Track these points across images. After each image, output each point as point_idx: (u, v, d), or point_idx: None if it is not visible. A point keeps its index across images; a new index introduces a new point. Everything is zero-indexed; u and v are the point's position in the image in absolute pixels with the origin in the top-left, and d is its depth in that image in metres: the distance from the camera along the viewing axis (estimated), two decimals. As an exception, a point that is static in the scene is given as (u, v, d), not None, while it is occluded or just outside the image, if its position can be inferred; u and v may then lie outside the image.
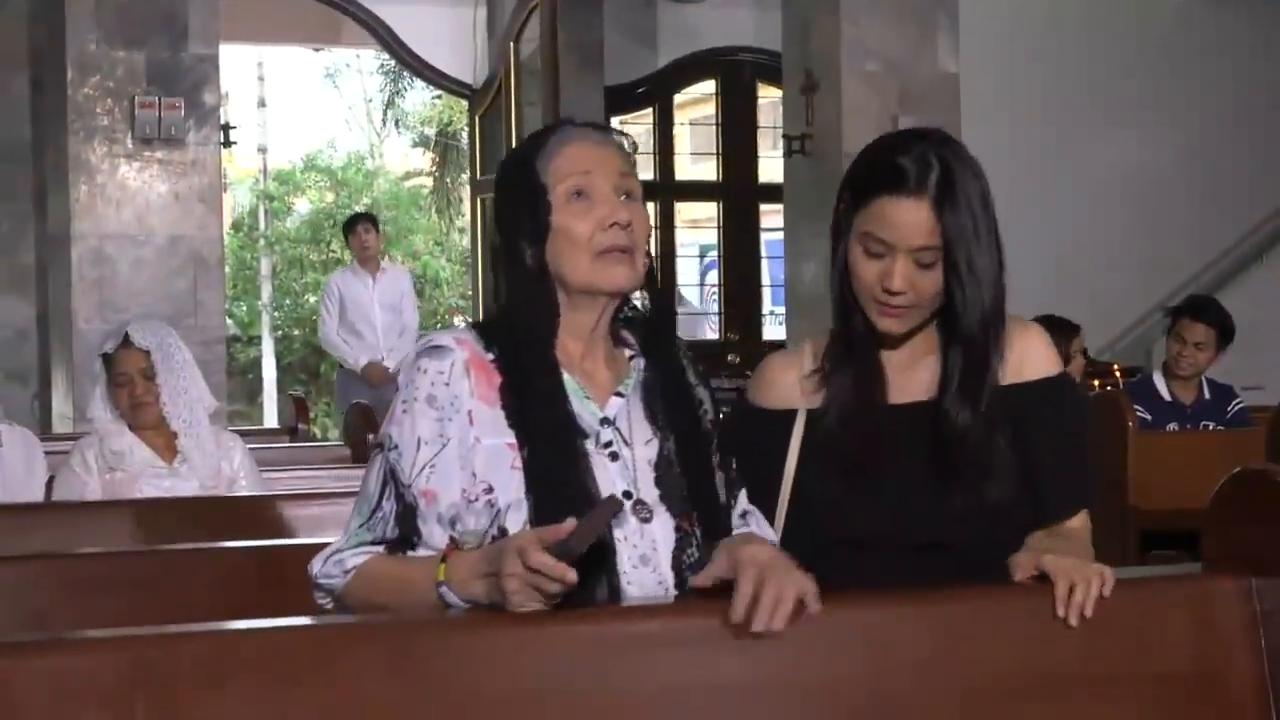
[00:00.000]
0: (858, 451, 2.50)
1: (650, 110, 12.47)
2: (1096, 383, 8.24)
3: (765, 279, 12.95)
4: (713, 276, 13.42)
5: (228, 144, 8.84)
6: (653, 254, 2.46)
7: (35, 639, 2.13)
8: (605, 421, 2.38)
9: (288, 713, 1.97)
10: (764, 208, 12.59)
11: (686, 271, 14.52)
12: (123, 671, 1.93)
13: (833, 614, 2.25)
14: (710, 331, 13.05)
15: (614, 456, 2.37)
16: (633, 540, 2.32)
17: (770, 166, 12.04)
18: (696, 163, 13.57)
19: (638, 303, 2.49)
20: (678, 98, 12.90)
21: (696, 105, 13.86)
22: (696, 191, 12.98)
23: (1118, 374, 8.42)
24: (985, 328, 2.49)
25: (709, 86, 12.77)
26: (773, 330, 12.57)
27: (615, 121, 11.42)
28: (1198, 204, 11.78)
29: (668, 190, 12.50)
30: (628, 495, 2.34)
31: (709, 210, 13.01)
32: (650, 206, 7.08)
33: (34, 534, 3.80)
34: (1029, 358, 2.56)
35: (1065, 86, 11.56)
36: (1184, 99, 11.83)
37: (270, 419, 18.20)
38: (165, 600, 3.08)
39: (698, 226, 13.57)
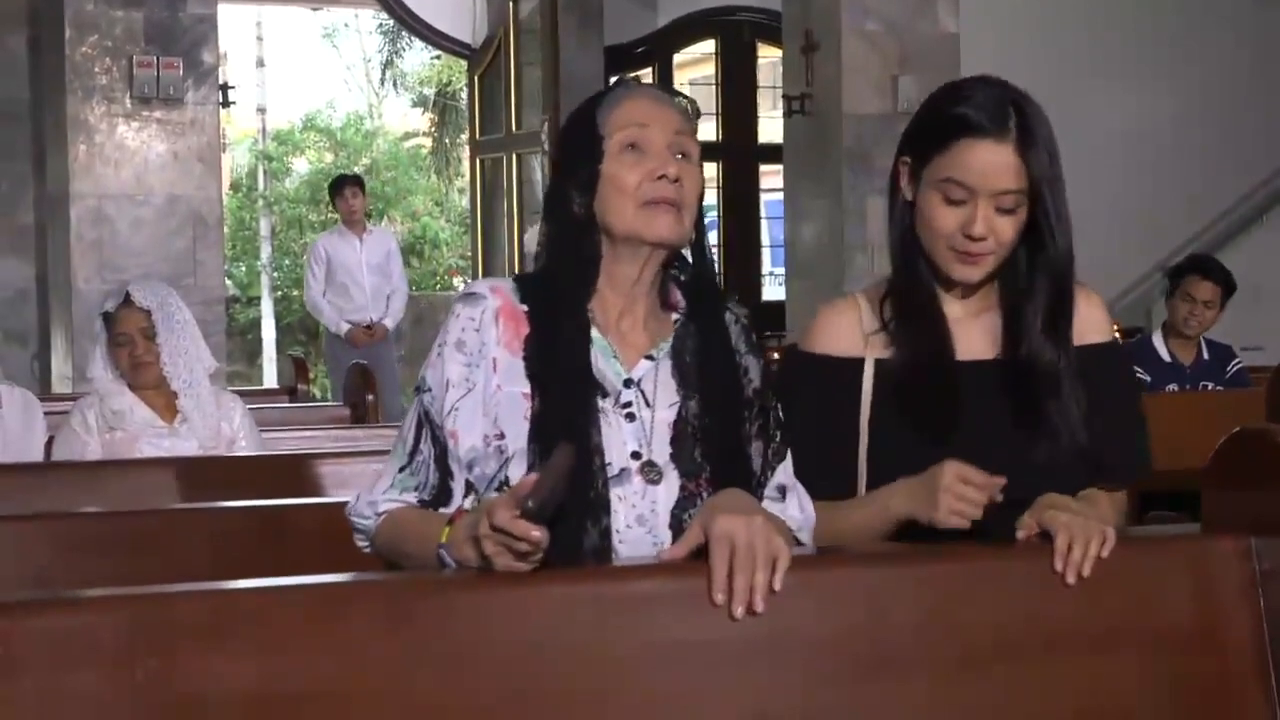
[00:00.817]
0: (933, 405, 2.50)
1: (650, 70, 12.39)
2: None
3: (765, 239, 12.93)
4: (712, 237, 13.37)
5: (226, 104, 8.83)
6: (704, 218, 2.46)
7: (35, 598, 2.13)
8: (629, 383, 2.38)
9: (287, 671, 1.97)
10: (763, 168, 12.56)
11: (686, 232, 14.45)
12: (122, 631, 1.93)
13: (831, 572, 2.26)
14: (709, 292, 13.00)
15: (630, 417, 2.37)
16: (632, 500, 2.32)
17: (770, 127, 12.01)
18: (696, 122, 13.52)
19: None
20: (677, 57, 12.85)
21: (696, 65, 13.82)
22: (696, 152, 12.91)
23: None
24: (1070, 267, 2.52)
25: (708, 46, 12.72)
26: (772, 291, 12.54)
27: (612, 81, 11.36)
28: (1198, 164, 11.74)
29: (666, 150, 12.45)
30: (636, 456, 2.34)
31: (708, 170, 12.91)
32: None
33: (34, 494, 3.80)
34: (1091, 322, 2.59)
35: (1065, 46, 11.51)
36: (1184, 58, 11.79)
37: (270, 379, 18.23)
38: (165, 560, 3.09)
39: (697, 187, 13.54)
